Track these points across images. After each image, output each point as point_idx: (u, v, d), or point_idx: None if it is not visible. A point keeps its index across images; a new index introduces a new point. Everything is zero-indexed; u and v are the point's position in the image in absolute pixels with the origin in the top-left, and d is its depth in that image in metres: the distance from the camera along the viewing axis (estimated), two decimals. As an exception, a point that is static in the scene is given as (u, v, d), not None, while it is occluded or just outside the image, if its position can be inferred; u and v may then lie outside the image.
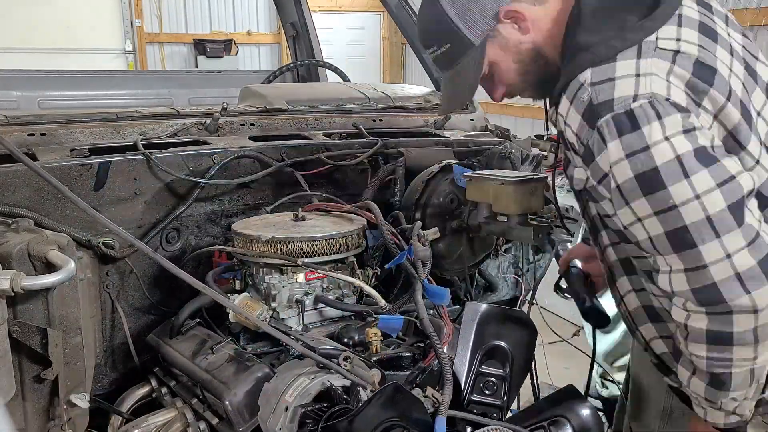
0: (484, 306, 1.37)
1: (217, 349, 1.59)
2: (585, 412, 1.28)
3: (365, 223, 1.79)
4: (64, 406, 1.37)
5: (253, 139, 2.03)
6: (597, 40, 1.22)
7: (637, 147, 1.13)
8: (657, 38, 1.21)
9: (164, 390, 1.71)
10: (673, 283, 1.17)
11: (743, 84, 1.24)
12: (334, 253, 1.66)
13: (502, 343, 1.35)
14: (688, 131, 1.13)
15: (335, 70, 3.37)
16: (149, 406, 1.72)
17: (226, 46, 9.22)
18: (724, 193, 1.12)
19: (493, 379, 1.35)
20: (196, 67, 9.07)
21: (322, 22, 7.47)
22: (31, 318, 1.30)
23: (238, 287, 1.72)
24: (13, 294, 1.19)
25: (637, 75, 1.17)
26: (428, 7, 1.41)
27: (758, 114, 1.26)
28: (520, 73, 1.41)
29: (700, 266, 1.13)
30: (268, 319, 1.52)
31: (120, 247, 1.72)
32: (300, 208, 1.81)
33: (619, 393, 1.81)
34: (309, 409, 1.28)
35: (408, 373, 1.45)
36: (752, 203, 1.17)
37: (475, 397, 1.34)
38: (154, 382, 1.73)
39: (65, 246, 1.34)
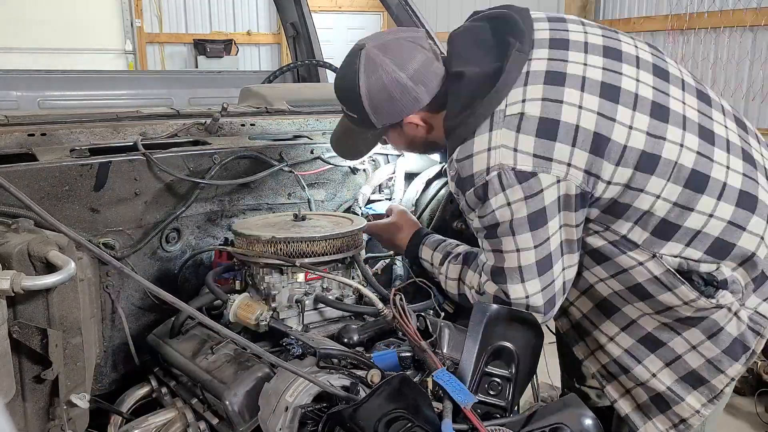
0: (493, 306, 1.37)
1: (217, 349, 1.60)
2: (587, 422, 1.27)
3: (365, 223, 1.79)
4: (64, 407, 1.36)
5: (253, 139, 2.03)
6: (457, 123, 1.43)
7: (487, 212, 1.42)
8: (506, 105, 1.39)
9: (164, 390, 1.71)
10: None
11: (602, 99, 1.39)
12: (334, 253, 1.66)
13: (509, 344, 1.35)
14: (529, 197, 1.37)
15: (335, 70, 3.36)
16: (149, 406, 1.72)
17: (226, 46, 9.22)
18: (536, 253, 1.42)
19: (498, 380, 1.34)
20: (196, 67, 9.08)
21: (322, 22, 7.47)
22: (31, 318, 1.30)
23: (238, 287, 1.72)
24: (13, 294, 1.19)
25: (489, 149, 1.39)
26: (347, 78, 1.52)
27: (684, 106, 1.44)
28: (409, 147, 1.68)
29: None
30: (268, 320, 1.52)
31: (120, 248, 1.72)
32: (299, 208, 1.81)
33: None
34: (309, 409, 1.28)
35: (409, 372, 1.45)
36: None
37: (480, 397, 1.34)
38: (154, 382, 1.73)
39: (65, 246, 1.34)
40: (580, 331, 1.66)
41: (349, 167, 2.10)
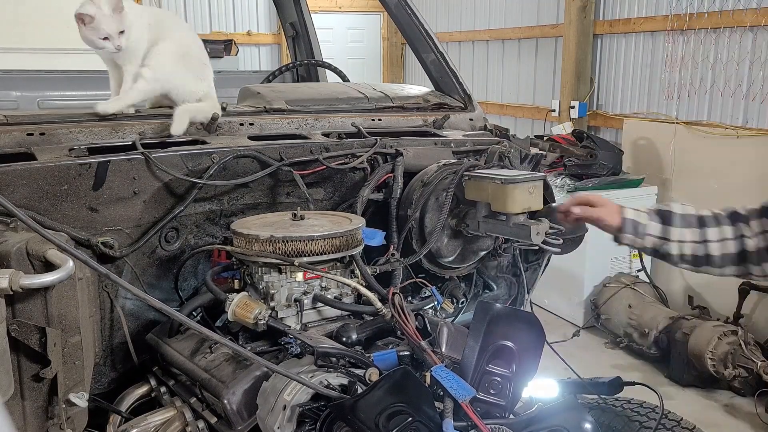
0: (496, 305, 1.37)
1: (215, 348, 1.60)
2: (587, 426, 1.28)
3: (364, 222, 1.79)
4: (63, 405, 1.37)
5: (252, 138, 2.03)
6: None
7: None
8: None
9: (163, 389, 1.71)
10: None
11: None
12: (333, 252, 1.66)
13: (510, 344, 1.35)
14: None
15: (335, 70, 3.38)
16: (148, 405, 1.72)
17: (226, 46, 9.20)
18: None
19: (498, 379, 1.35)
20: (196, 67, 9.05)
21: (322, 22, 7.46)
22: (30, 317, 1.30)
23: (237, 286, 1.72)
24: (11, 293, 1.19)
25: None
26: None
27: None
28: None
29: None
30: (266, 318, 1.52)
31: (119, 247, 1.72)
32: (299, 207, 1.81)
33: None
34: (307, 408, 1.29)
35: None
36: None
37: (480, 395, 1.34)
38: (153, 382, 1.73)
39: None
40: None
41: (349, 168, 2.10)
